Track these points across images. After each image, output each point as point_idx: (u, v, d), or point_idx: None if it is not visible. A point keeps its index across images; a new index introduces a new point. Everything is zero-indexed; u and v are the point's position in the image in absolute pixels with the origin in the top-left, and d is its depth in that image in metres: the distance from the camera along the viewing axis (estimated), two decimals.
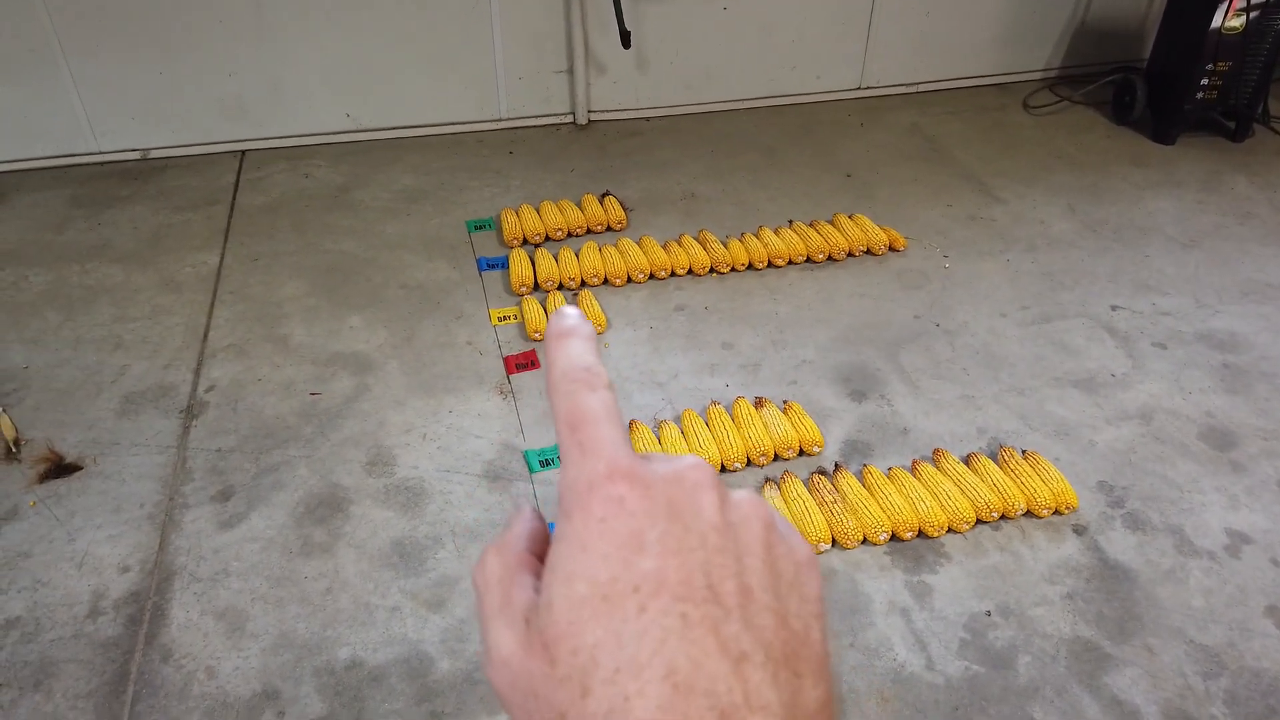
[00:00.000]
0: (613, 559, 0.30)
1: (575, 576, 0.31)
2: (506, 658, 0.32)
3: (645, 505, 0.31)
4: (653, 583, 0.30)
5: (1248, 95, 3.65)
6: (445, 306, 2.86)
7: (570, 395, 0.34)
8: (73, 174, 3.55)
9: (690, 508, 0.32)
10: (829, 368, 2.63)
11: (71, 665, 1.87)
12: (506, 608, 0.33)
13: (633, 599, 0.30)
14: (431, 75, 3.72)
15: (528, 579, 0.34)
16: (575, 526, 0.32)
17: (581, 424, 0.33)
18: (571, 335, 0.36)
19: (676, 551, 0.31)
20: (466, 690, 1.82)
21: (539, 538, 0.37)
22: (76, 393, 2.53)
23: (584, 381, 0.35)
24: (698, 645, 0.29)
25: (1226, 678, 1.86)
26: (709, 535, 0.31)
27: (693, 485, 0.33)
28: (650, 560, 0.30)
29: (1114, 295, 2.94)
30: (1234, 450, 2.38)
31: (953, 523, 2.13)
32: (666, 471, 0.33)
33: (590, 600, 0.30)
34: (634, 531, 0.31)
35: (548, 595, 0.31)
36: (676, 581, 0.30)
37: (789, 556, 0.34)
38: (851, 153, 3.73)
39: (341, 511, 2.19)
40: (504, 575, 0.34)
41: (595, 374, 0.35)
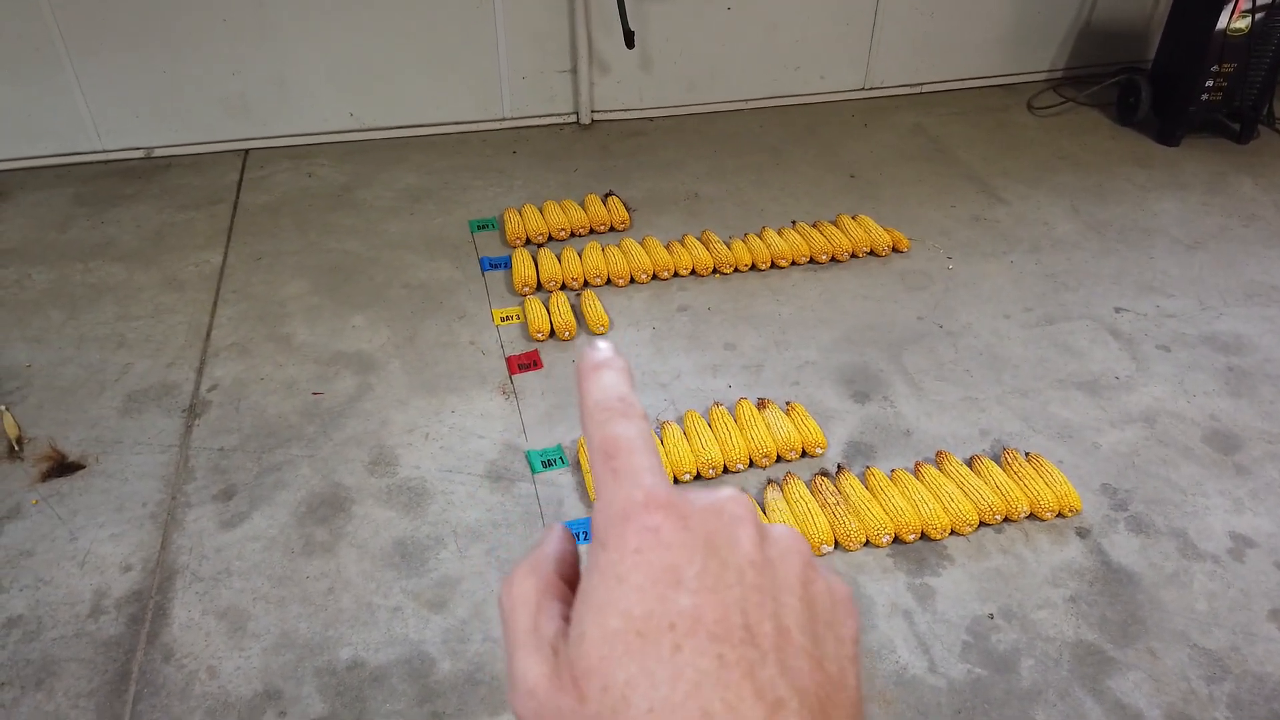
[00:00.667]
0: (648, 593, 0.30)
1: (609, 609, 0.30)
2: (533, 687, 0.31)
3: (682, 538, 0.31)
4: (689, 621, 0.29)
5: (1253, 97, 3.64)
6: (448, 306, 2.86)
7: (604, 425, 0.34)
8: (76, 172, 3.55)
9: (728, 542, 0.31)
10: (832, 369, 2.63)
11: (73, 664, 1.87)
12: (534, 635, 0.33)
13: (668, 637, 0.29)
14: (435, 74, 3.72)
15: (557, 606, 0.34)
16: (610, 557, 0.31)
17: (616, 453, 0.33)
18: (605, 367, 0.36)
19: (714, 589, 0.30)
20: (468, 691, 1.82)
21: (569, 561, 0.36)
22: (79, 391, 2.53)
23: (618, 411, 0.34)
24: (733, 690, 0.28)
25: (1230, 682, 1.85)
26: (746, 572, 0.31)
27: (731, 519, 0.32)
28: (687, 597, 0.30)
29: (1118, 297, 2.94)
30: (1238, 453, 2.37)
31: (955, 525, 2.13)
32: (704, 504, 0.32)
33: (624, 635, 0.29)
34: (670, 565, 0.30)
35: (579, 627, 0.31)
36: (713, 620, 0.29)
37: (827, 595, 0.33)
38: (855, 153, 3.73)
39: (344, 511, 2.19)
40: (533, 600, 0.34)
41: (629, 404, 0.35)
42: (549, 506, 2.20)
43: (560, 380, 2.58)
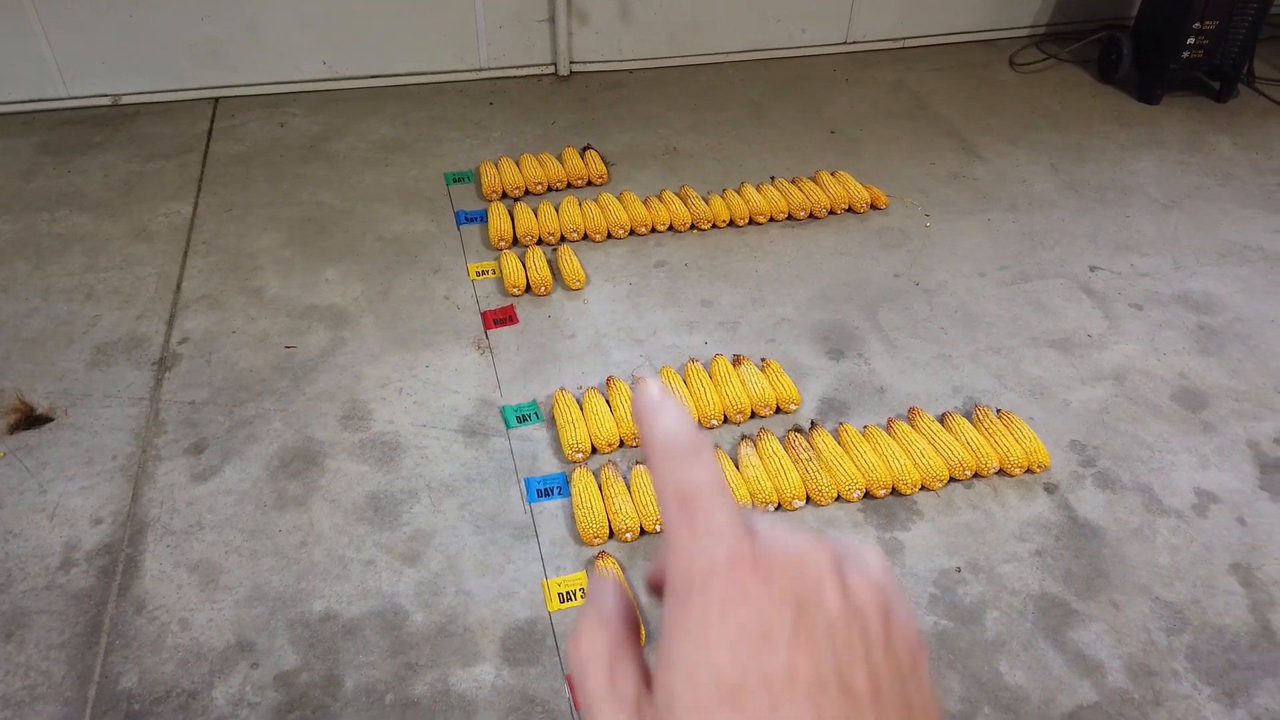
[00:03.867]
0: (740, 652, 0.29)
1: (699, 670, 0.29)
2: None
3: (769, 596, 0.30)
4: (784, 678, 0.29)
5: (1233, 55, 3.63)
6: (423, 260, 2.83)
7: (675, 469, 0.33)
8: (41, 120, 3.47)
9: (815, 598, 0.31)
10: (808, 326, 2.63)
11: (43, 616, 1.86)
12: (613, 694, 0.32)
13: (764, 695, 0.29)
14: (410, 22, 3.64)
15: (631, 664, 0.33)
16: (695, 616, 0.30)
17: (692, 500, 0.32)
18: (664, 408, 0.35)
19: (806, 646, 0.29)
20: (440, 642, 1.83)
21: (629, 613, 0.36)
22: (47, 343, 2.50)
23: (690, 453, 0.33)
24: None
25: (1189, 633, 1.90)
26: (836, 627, 0.30)
27: (816, 575, 0.31)
28: (779, 655, 0.29)
29: (1093, 255, 2.95)
30: (1205, 411, 2.40)
31: (926, 481, 2.15)
32: (788, 558, 0.31)
33: (716, 697, 0.29)
34: (760, 624, 0.30)
35: (668, 690, 0.30)
36: (808, 677, 0.29)
37: (905, 641, 0.33)
38: (836, 108, 3.70)
39: (316, 465, 2.18)
40: (604, 657, 0.33)
41: (700, 445, 0.33)
42: (523, 461, 2.21)
43: (535, 336, 2.57)
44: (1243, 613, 1.93)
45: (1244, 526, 2.11)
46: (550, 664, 1.81)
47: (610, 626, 0.34)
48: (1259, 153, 3.49)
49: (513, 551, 2.01)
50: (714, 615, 0.30)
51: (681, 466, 0.33)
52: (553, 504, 2.11)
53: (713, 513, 0.32)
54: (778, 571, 0.31)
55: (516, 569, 1.97)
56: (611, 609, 0.35)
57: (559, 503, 2.11)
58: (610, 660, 0.33)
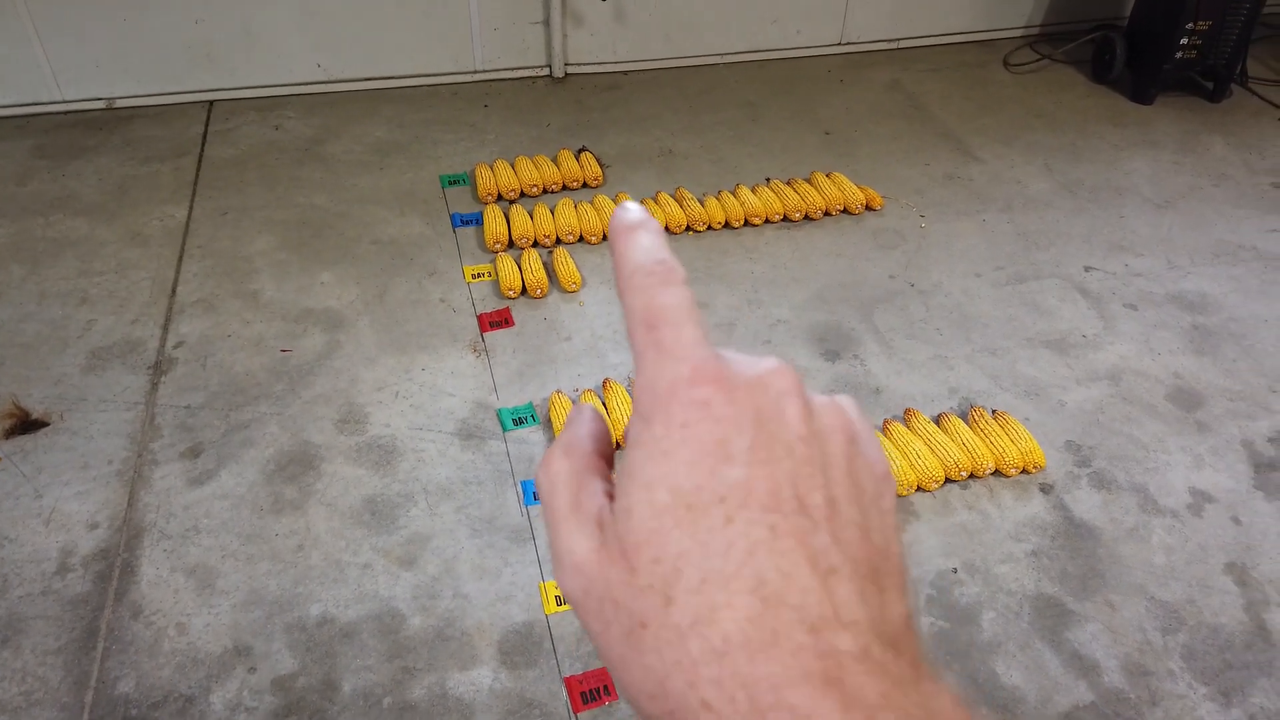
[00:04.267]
0: (697, 467, 0.29)
1: (656, 483, 0.30)
2: (580, 563, 0.31)
3: (730, 411, 0.30)
4: (740, 493, 0.29)
5: (1226, 56, 3.64)
6: (418, 263, 2.83)
7: (645, 291, 0.32)
8: (35, 124, 3.46)
9: (776, 415, 0.31)
10: (804, 327, 2.64)
11: (40, 621, 1.86)
12: (578, 511, 0.32)
13: (719, 509, 0.29)
14: (405, 25, 3.64)
15: (597, 483, 0.33)
16: (655, 431, 0.30)
17: (659, 323, 0.32)
18: (640, 229, 0.34)
19: (764, 462, 0.29)
20: (438, 646, 1.83)
21: (603, 439, 0.35)
22: (42, 348, 2.49)
23: (659, 276, 0.33)
24: (787, 558, 0.28)
25: (1185, 633, 1.90)
26: (795, 446, 0.30)
27: (778, 392, 0.31)
28: (737, 470, 0.29)
29: (1088, 256, 2.95)
30: (1200, 410, 2.41)
31: (922, 481, 2.15)
32: (751, 376, 0.31)
33: (673, 509, 0.29)
34: (719, 439, 0.30)
35: (626, 502, 0.30)
36: (764, 492, 0.29)
37: (869, 470, 0.33)
38: (831, 109, 3.70)
39: (313, 469, 2.18)
40: (572, 477, 0.33)
41: (670, 269, 0.33)
42: (520, 464, 2.21)
43: (532, 338, 2.57)
44: (1238, 612, 1.94)
45: (1239, 526, 2.12)
46: (548, 667, 1.81)
47: (580, 450, 0.34)
48: (1252, 153, 3.50)
49: (510, 555, 2.01)
50: (675, 429, 0.30)
51: (651, 290, 0.32)
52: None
53: (679, 332, 0.31)
54: (740, 387, 0.30)
55: (514, 572, 1.98)
56: (585, 435, 0.35)
57: None
58: (577, 481, 0.33)
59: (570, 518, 0.32)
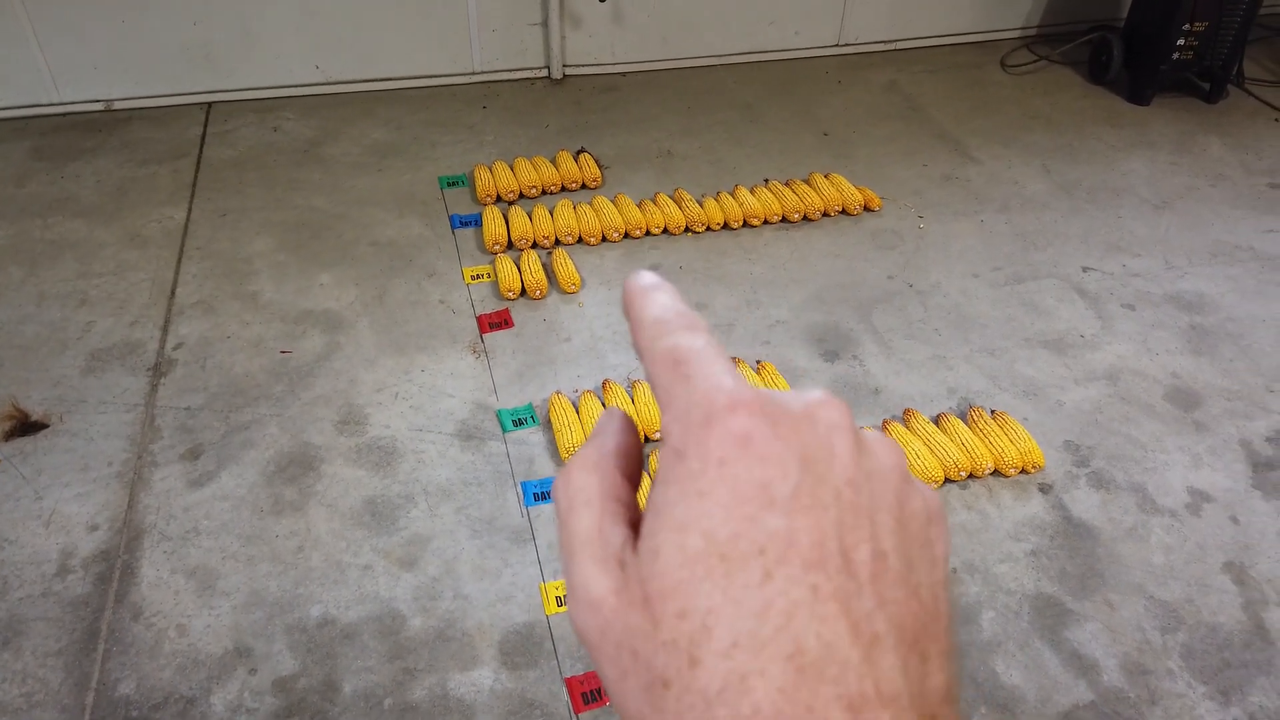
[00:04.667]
0: (735, 512, 0.27)
1: (689, 527, 0.27)
2: (597, 601, 0.28)
3: (775, 449, 0.27)
4: (781, 545, 0.26)
5: (1223, 56, 3.65)
6: (417, 264, 2.83)
7: (667, 336, 0.30)
8: (34, 125, 3.46)
9: (824, 454, 0.28)
10: (802, 328, 2.64)
11: (40, 623, 1.86)
12: (597, 541, 0.29)
13: (757, 562, 0.26)
14: (403, 26, 3.64)
15: (621, 509, 0.30)
16: (690, 466, 0.27)
17: (686, 358, 0.29)
18: (657, 289, 0.33)
19: (809, 509, 0.27)
20: (438, 647, 1.84)
21: (632, 456, 0.32)
22: (41, 349, 2.49)
23: (681, 323, 0.31)
24: (828, 624, 0.26)
25: (1184, 632, 1.91)
26: (844, 491, 0.28)
27: (828, 427, 0.29)
28: (779, 518, 0.26)
29: (1085, 256, 2.96)
30: (1198, 410, 2.42)
31: None
32: (797, 408, 0.29)
33: (706, 557, 0.26)
34: (761, 480, 0.27)
35: (653, 542, 0.28)
36: (808, 546, 0.26)
37: (922, 511, 0.30)
38: (829, 110, 3.71)
39: (313, 470, 2.18)
40: (595, 500, 0.30)
41: (693, 319, 0.31)
42: (520, 465, 2.21)
43: (531, 339, 2.57)
44: (1236, 611, 1.95)
45: (1237, 525, 2.12)
46: (549, 668, 1.81)
47: (608, 467, 0.31)
48: (1249, 153, 3.51)
49: (510, 555, 2.01)
50: (711, 466, 0.27)
51: (674, 334, 0.30)
52: (550, 508, 2.11)
53: (710, 366, 0.29)
54: (785, 420, 0.28)
55: (514, 573, 1.98)
56: (613, 449, 0.32)
57: None
58: (601, 502, 0.30)
59: (589, 546, 0.29)
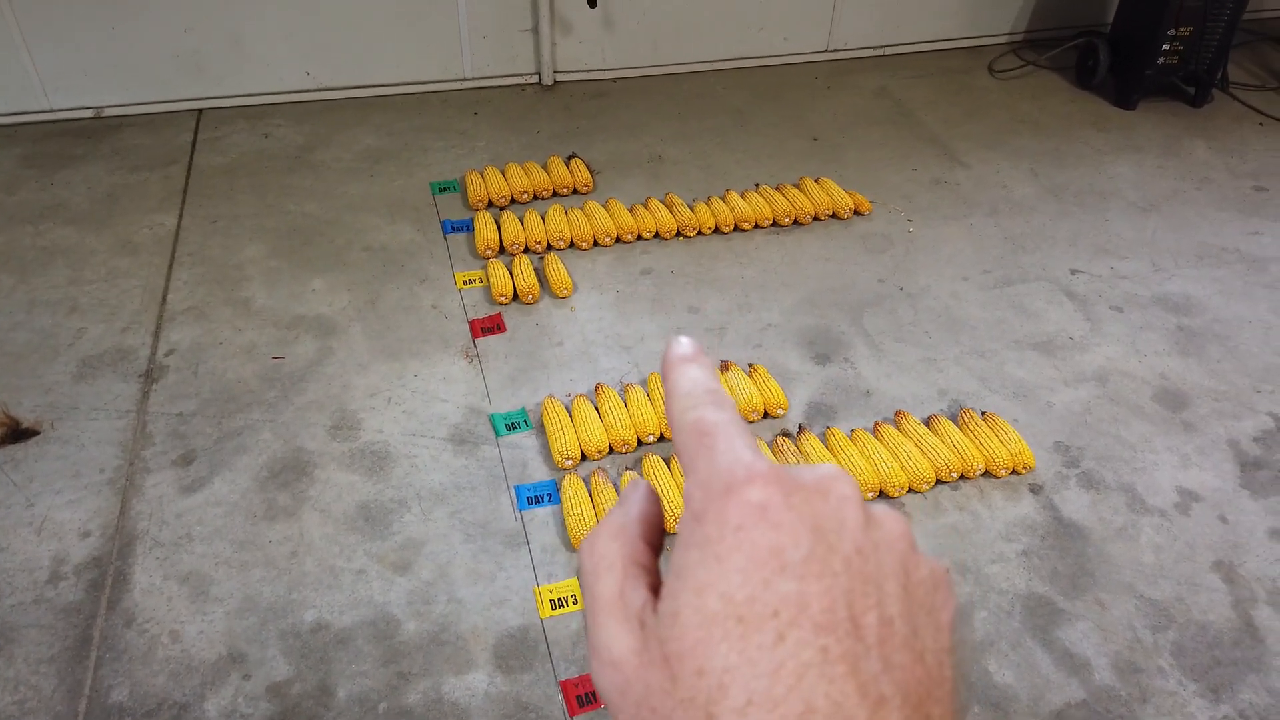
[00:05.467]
0: (751, 576, 0.28)
1: (708, 590, 0.28)
2: (618, 660, 0.30)
3: (788, 517, 0.29)
4: (793, 609, 0.28)
5: (1208, 61, 3.69)
6: (409, 269, 2.83)
7: (696, 409, 0.33)
8: (23, 132, 3.45)
9: (835, 524, 0.30)
10: (794, 331, 2.65)
11: (32, 630, 1.85)
12: (619, 604, 0.31)
13: (771, 624, 0.28)
14: (394, 33, 3.65)
15: (642, 574, 0.32)
16: (708, 532, 0.29)
17: (712, 432, 0.32)
18: (691, 361, 0.35)
19: (820, 575, 0.28)
20: (433, 651, 1.84)
21: (654, 525, 0.35)
22: (32, 356, 2.49)
23: (710, 401, 0.33)
24: (837, 685, 0.27)
25: (1174, 630, 1.92)
26: (853, 559, 0.29)
27: (839, 498, 0.30)
28: (792, 583, 0.28)
29: (1073, 259, 2.98)
30: (1186, 411, 2.44)
31: (913, 483, 2.17)
32: (809, 480, 0.30)
33: (723, 619, 0.28)
34: (775, 547, 0.28)
35: (673, 604, 0.29)
36: (819, 610, 0.28)
37: (928, 579, 0.32)
38: (819, 115, 3.73)
39: (306, 475, 2.18)
40: (618, 564, 0.32)
41: (720, 395, 0.33)
42: (513, 469, 2.21)
43: (524, 344, 2.57)
44: (1226, 609, 1.96)
45: (1226, 524, 2.14)
46: (543, 671, 1.81)
47: (631, 534, 0.33)
48: (1234, 156, 3.55)
49: (504, 559, 2.01)
50: (729, 532, 0.29)
51: (702, 408, 0.33)
52: (543, 511, 2.12)
53: (733, 441, 0.31)
54: (798, 493, 0.30)
55: (508, 576, 1.98)
56: (636, 516, 0.34)
57: (549, 510, 2.12)
58: (624, 567, 0.32)
59: (612, 609, 0.31)
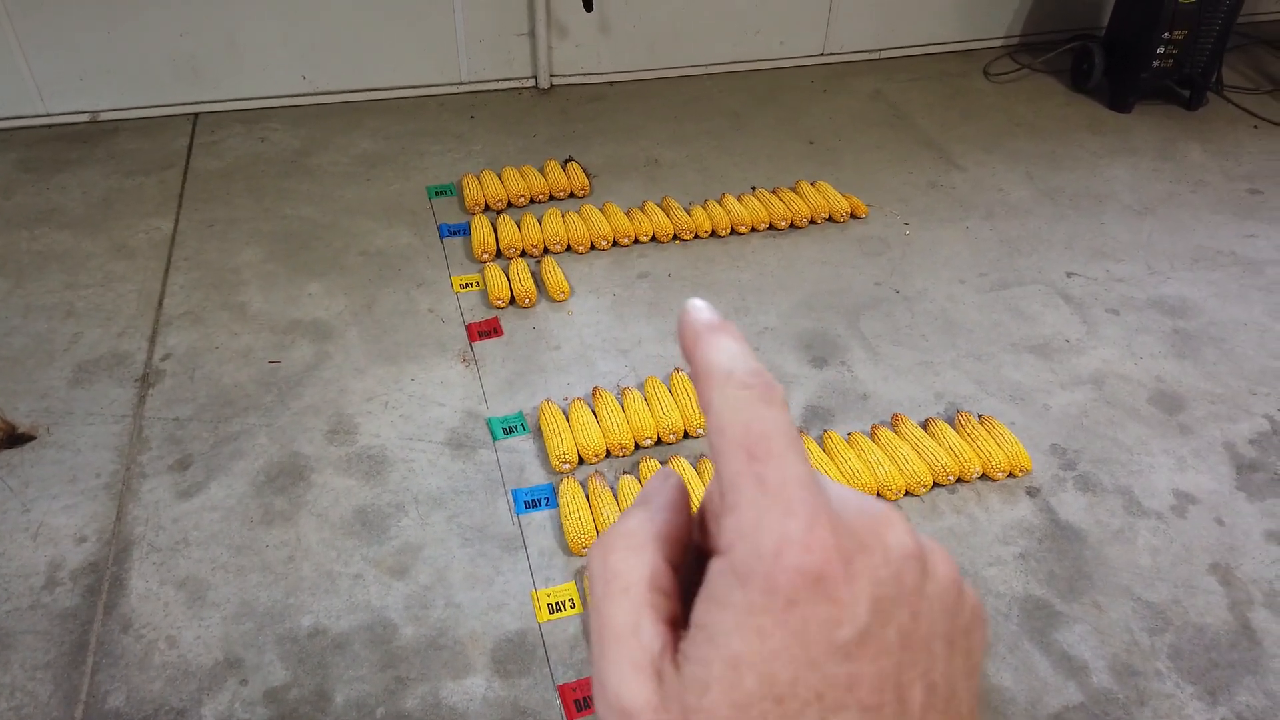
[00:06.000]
0: (798, 657, 0.25)
1: (744, 665, 0.25)
2: (630, 712, 0.27)
3: (846, 591, 0.26)
4: (840, 691, 0.25)
5: (1202, 64, 3.70)
6: (406, 273, 2.83)
7: (742, 408, 0.28)
8: (19, 137, 3.45)
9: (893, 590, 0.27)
10: (791, 334, 2.65)
11: (29, 636, 1.85)
12: (633, 640, 0.27)
13: (814, 709, 0.25)
14: (390, 37, 3.65)
15: (662, 602, 0.28)
16: (752, 598, 0.26)
17: (763, 454, 0.27)
18: (722, 332, 0.30)
19: (874, 655, 0.26)
20: (430, 655, 1.83)
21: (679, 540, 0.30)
22: (27, 361, 2.48)
23: (759, 392, 0.28)
24: None
25: (1171, 633, 1.92)
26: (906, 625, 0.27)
27: (900, 557, 0.27)
28: (842, 664, 0.25)
29: (1069, 262, 2.99)
30: (1182, 413, 2.44)
31: (910, 486, 2.17)
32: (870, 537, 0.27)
33: (759, 701, 0.25)
34: (828, 624, 0.25)
35: (702, 672, 0.26)
36: (868, 691, 0.26)
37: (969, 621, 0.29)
38: (815, 119, 3.74)
39: (303, 480, 2.18)
40: (633, 589, 0.28)
41: (770, 384, 0.28)
42: (510, 473, 2.21)
43: (520, 347, 2.57)
44: (1223, 612, 1.97)
45: (1222, 526, 2.15)
46: (541, 675, 1.81)
47: (652, 550, 0.29)
48: (1229, 159, 3.56)
49: (501, 563, 2.01)
50: (778, 603, 0.26)
51: (750, 407, 0.28)
52: (540, 515, 2.12)
53: (786, 468, 0.27)
54: (858, 558, 0.26)
55: (505, 580, 1.98)
56: (660, 530, 0.29)
57: (547, 514, 2.12)
58: (640, 591, 0.28)
59: (625, 644, 0.27)
